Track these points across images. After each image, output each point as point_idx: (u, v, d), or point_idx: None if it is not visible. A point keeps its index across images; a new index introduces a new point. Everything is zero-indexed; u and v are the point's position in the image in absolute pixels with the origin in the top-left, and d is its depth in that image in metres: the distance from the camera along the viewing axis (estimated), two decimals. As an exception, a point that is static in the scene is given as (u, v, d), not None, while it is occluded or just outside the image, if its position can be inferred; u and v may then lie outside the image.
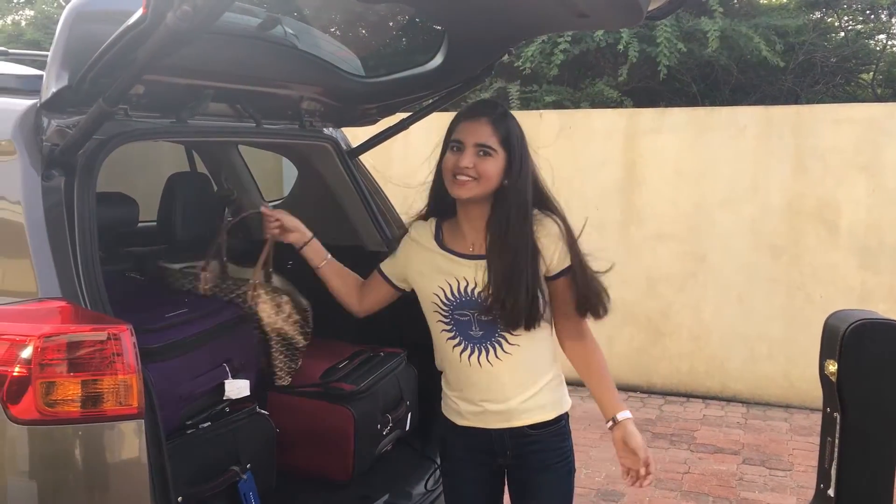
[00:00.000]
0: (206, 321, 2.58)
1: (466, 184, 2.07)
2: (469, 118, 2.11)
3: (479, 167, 2.06)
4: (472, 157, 2.06)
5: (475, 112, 2.12)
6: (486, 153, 2.07)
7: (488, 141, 2.07)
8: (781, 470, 4.66)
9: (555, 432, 2.21)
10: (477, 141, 2.07)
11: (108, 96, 1.89)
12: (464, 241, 2.19)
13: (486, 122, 2.09)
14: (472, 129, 2.09)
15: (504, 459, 2.22)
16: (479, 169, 2.06)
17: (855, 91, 7.81)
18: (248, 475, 2.50)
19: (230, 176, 3.76)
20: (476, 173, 2.06)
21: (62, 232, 1.96)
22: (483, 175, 2.07)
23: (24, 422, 1.80)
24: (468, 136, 2.09)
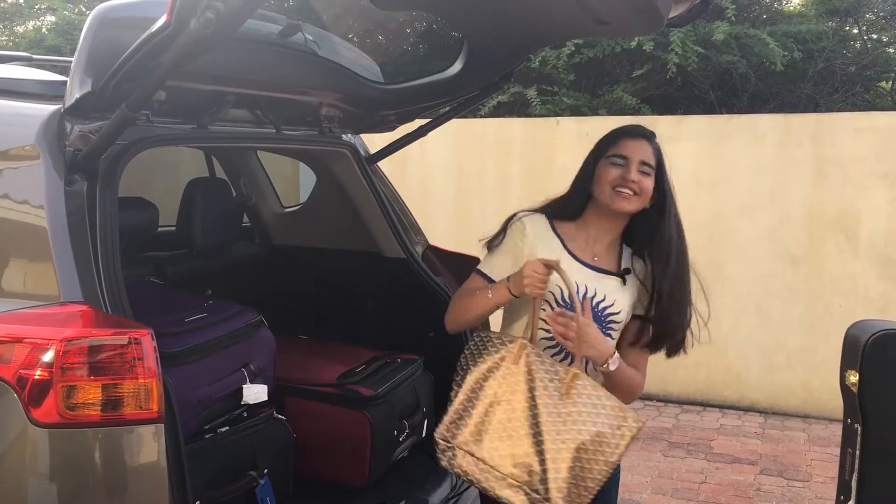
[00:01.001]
0: (225, 325, 2.59)
1: (630, 198, 2.15)
2: (633, 136, 2.21)
3: (641, 183, 2.15)
4: (636, 174, 2.15)
5: (637, 132, 2.22)
6: (647, 172, 2.17)
7: (650, 160, 2.18)
8: (799, 481, 4.62)
9: None
10: (642, 159, 2.17)
11: (131, 102, 1.91)
12: (586, 250, 2.23)
13: (647, 143, 2.20)
14: (637, 147, 2.18)
15: None
16: (642, 185, 2.15)
17: (874, 99, 7.76)
18: (266, 480, 2.51)
19: (249, 181, 3.78)
20: (639, 189, 2.15)
21: (84, 236, 1.97)
22: (644, 191, 2.16)
23: (45, 425, 1.80)
24: (633, 153, 2.17)
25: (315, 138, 3.01)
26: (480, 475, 2.05)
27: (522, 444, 2.02)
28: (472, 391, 2.10)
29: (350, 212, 3.30)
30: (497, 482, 2.03)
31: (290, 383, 2.89)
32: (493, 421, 2.05)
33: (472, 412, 2.07)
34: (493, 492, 2.05)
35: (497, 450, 2.04)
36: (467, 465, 2.06)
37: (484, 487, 2.06)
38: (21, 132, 2.06)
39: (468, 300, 2.21)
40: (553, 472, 2.00)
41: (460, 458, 2.06)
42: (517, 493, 2.02)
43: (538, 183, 6.33)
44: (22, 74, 2.38)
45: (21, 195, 2.03)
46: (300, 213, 3.70)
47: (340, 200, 3.30)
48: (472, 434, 2.05)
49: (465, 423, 2.08)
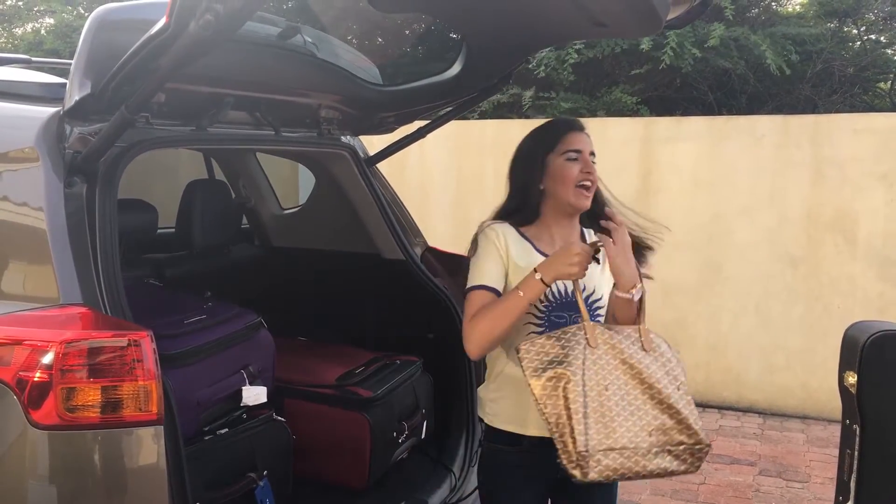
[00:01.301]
0: (224, 328, 2.59)
1: (589, 195, 2.14)
2: (577, 129, 2.19)
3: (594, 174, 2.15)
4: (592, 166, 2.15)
5: (578, 125, 2.21)
6: (595, 162, 2.17)
7: (593, 149, 2.18)
8: (798, 482, 4.62)
9: None
10: (591, 149, 2.17)
11: (131, 104, 1.91)
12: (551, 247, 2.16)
13: (585, 132, 2.20)
14: (583, 139, 2.17)
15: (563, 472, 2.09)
16: (596, 175, 2.16)
17: (872, 101, 7.77)
18: (265, 482, 2.51)
19: (248, 183, 3.79)
20: (594, 180, 2.15)
21: (83, 238, 1.97)
22: (594, 183, 2.16)
23: (45, 427, 1.81)
24: (584, 146, 2.15)
25: (314, 140, 3.01)
26: (629, 462, 1.97)
27: (647, 410, 1.99)
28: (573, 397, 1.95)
29: (349, 213, 3.30)
30: (645, 459, 1.98)
31: (290, 385, 2.89)
32: (612, 406, 1.97)
33: (589, 412, 1.95)
34: (646, 470, 1.98)
35: (629, 430, 1.97)
36: (613, 462, 1.96)
37: (636, 472, 1.99)
38: (20, 134, 2.07)
39: (495, 312, 2.01)
40: (687, 414, 2.01)
41: (604, 460, 1.95)
42: (664, 458, 1.99)
43: (537, 184, 6.32)
44: (21, 77, 2.39)
45: (20, 197, 2.04)
46: (299, 215, 3.71)
47: (339, 202, 3.31)
48: (601, 431, 1.95)
49: (589, 426, 1.95)
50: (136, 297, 2.11)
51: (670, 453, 2.00)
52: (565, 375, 1.92)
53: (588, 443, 1.90)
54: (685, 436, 2.01)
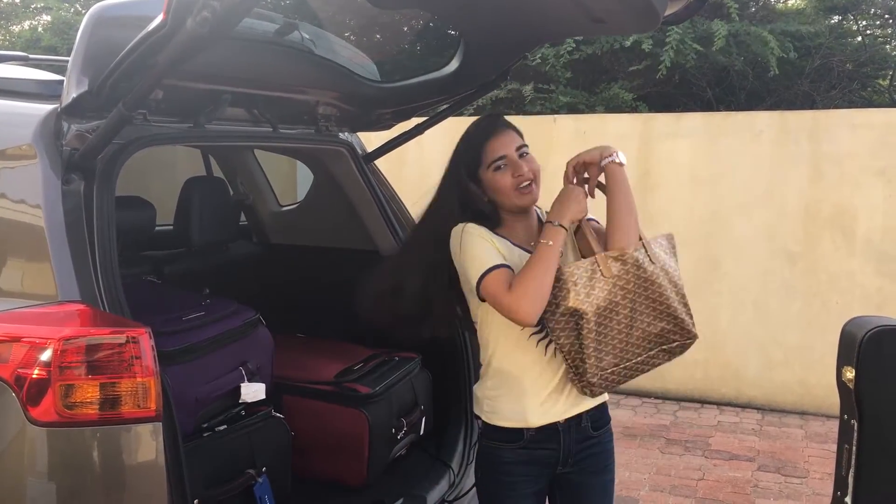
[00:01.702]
0: (222, 324, 2.59)
1: (531, 190, 2.13)
2: (496, 134, 2.15)
3: (531, 168, 2.13)
4: (523, 164, 2.12)
5: (496, 126, 2.17)
6: (526, 153, 2.15)
7: (522, 141, 2.16)
8: (797, 477, 4.63)
9: (609, 431, 2.25)
10: (516, 146, 2.14)
11: (128, 101, 1.91)
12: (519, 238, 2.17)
13: (508, 129, 2.17)
14: (506, 141, 2.15)
15: (565, 467, 2.18)
16: (533, 170, 2.14)
17: (871, 96, 7.77)
18: (264, 478, 2.51)
19: (246, 180, 3.78)
20: (532, 174, 2.13)
21: (81, 235, 1.97)
22: (536, 174, 2.15)
23: (44, 424, 1.81)
24: (507, 148, 2.13)
25: (312, 137, 3.01)
26: (630, 371, 2.11)
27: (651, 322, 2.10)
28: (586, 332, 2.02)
29: (347, 210, 3.30)
30: (643, 364, 2.13)
31: (288, 381, 2.89)
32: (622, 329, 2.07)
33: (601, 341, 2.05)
34: (641, 371, 2.13)
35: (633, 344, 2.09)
36: (618, 376, 2.09)
37: (633, 376, 2.14)
38: (18, 132, 2.06)
39: (535, 270, 2.00)
40: (684, 316, 2.14)
41: (611, 377, 2.08)
42: (659, 356, 2.14)
43: (535, 181, 6.32)
44: (18, 74, 2.38)
45: (18, 194, 2.04)
46: (297, 212, 3.70)
47: (338, 199, 3.30)
48: (610, 353, 2.06)
49: (601, 354, 2.05)
50: (134, 295, 2.11)
51: (664, 351, 2.16)
52: (579, 311, 1.99)
53: (601, 367, 2.04)
54: (679, 335, 2.15)
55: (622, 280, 2.05)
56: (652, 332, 2.11)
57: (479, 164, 2.15)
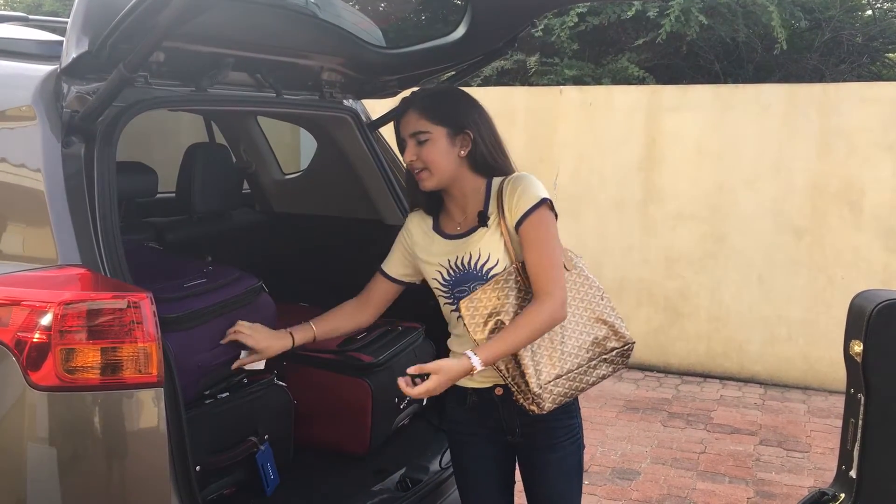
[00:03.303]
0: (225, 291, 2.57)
1: (421, 175, 2.13)
2: (400, 115, 2.15)
3: (422, 156, 2.10)
4: (413, 150, 2.11)
5: (402, 106, 2.17)
6: (422, 141, 2.11)
7: (419, 127, 2.10)
8: (799, 451, 4.64)
9: (563, 409, 2.18)
10: (409, 132, 2.12)
11: (129, 62, 1.87)
12: (452, 222, 2.23)
13: (412, 111, 2.13)
14: (405, 123, 2.14)
15: (513, 438, 2.22)
16: (424, 158, 2.11)
17: (881, 70, 7.68)
18: (266, 446, 2.51)
19: (249, 147, 3.74)
20: (423, 163, 2.10)
21: (82, 199, 1.94)
22: (429, 162, 2.10)
23: (44, 388, 1.79)
24: (403, 130, 2.14)
25: (316, 103, 2.97)
26: (574, 383, 2.12)
27: (582, 328, 2.14)
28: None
29: (351, 179, 3.26)
30: (586, 375, 2.14)
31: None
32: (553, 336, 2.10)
33: (536, 350, 2.08)
34: (588, 384, 2.15)
35: (571, 352, 2.11)
36: (563, 388, 2.10)
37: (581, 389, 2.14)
38: (17, 93, 2.03)
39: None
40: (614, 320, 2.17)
41: (555, 389, 2.09)
42: (602, 367, 2.17)
43: (540, 152, 6.28)
44: (18, 34, 2.34)
45: (18, 157, 2.01)
46: (301, 180, 3.67)
47: (342, 167, 3.27)
48: (548, 364, 2.09)
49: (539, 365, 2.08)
50: (135, 260, 2.09)
51: (605, 360, 2.18)
52: (505, 323, 2.06)
53: (540, 381, 2.05)
54: (615, 341, 2.18)
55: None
56: (586, 339, 2.14)
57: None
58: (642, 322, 6.07)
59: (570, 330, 2.12)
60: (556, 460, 2.20)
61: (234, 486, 2.47)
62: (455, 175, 2.14)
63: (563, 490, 2.23)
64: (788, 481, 4.22)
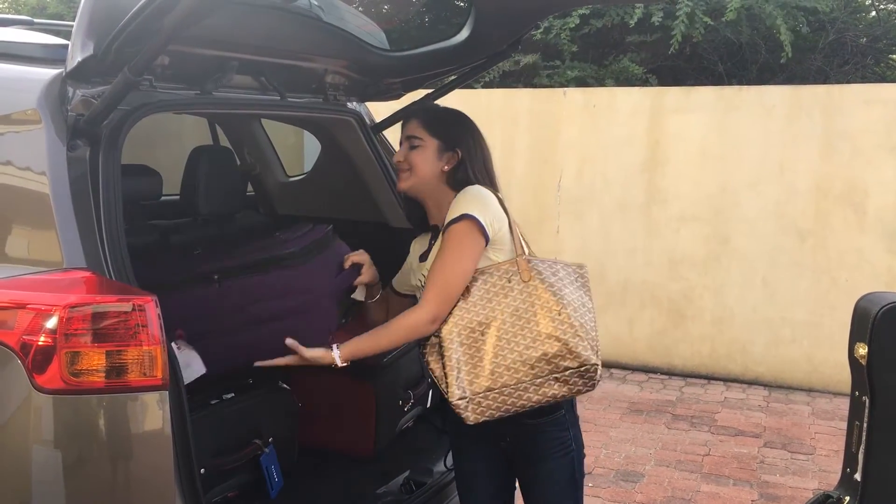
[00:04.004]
0: (311, 234, 2.75)
1: (402, 175, 2.22)
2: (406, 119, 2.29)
3: (409, 158, 2.21)
4: (404, 151, 2.22)
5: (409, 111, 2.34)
6: (414, 146, 2.20)
7: (415, 132, 2.22)
8: (803, 454, 4.63)
9: (554, 422, 2.16)
10: (407, 135, 2.24)
11: (134, 66, 1.88)
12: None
13: (414, 118, 2.26)
14: (406, 126, 2.27)
15: (505, 444, 2.22)
16: (410, 160, 2.21)
17: (885, 72, 7.67)
18: (270, 448, 2.51)
19: (253, 150, 3.75)
20: (408, 164, 2.20)
21: (87, 202, 1.95)
22: (413, 165, 2.20)
23: (50, 391, 1.80)
24: (403, 132, 2.26)
25: (320, 106, 2.97)
26: (511, 398, 2.05)
27: (527, 343, 2.05)
28: (449, 353, 2.07)
29: (355, 181, 3.26)
30: (528, 392, 2.05)
31: (295, 352, 2.88)
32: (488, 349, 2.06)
33: (463, 361, 2.06)
34: (532, 402, 2.06)
35: (509, 368, 2.05)
36: (494, 402, 2.05)
37: (522, 405, 2.06)
38: (22, 97, 2.04)
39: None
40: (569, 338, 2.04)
41: (484, 402, 2.05)
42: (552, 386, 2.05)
43: (544, 154, 6.28)
44: (23, 38, 2.35)
45: (23, 160, 2.01)
46: (305, 183, 3.67)
47: (345, 169, 3.27)
48: (479, 375, 2.05)
49: (462, 375, 2.06)
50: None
51: (557, 380, 2.05)
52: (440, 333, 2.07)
53: (466, 392, 2.02)
54: (570, 360, 2.05)
55: (484, 300, 2.08)
56: (532, 355, 2.05)
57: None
58: (646, 324, 6.07)
59: (511, 343, 2.05)
60: (545, 472, 2.18)
61: (239, 489, 2.48)
62: (432, 184, 2.23)
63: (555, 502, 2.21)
64: (793, 484, 4.21)
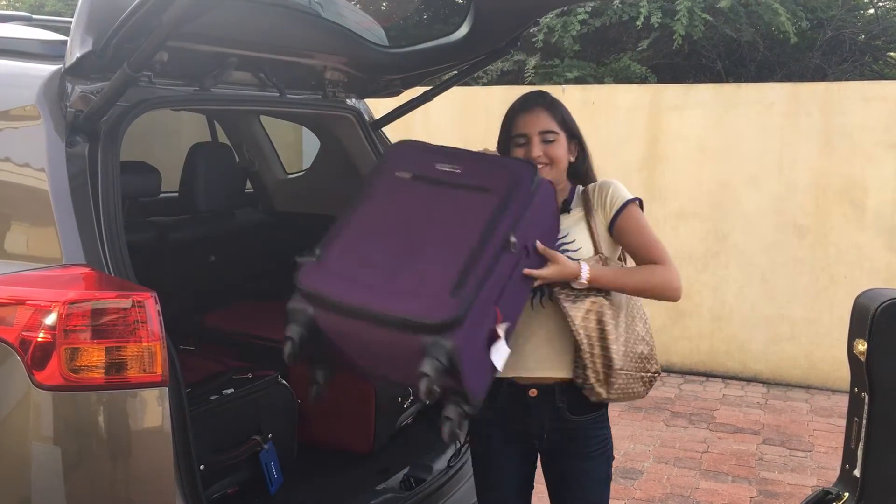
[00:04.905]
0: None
1: (543, 170, 2.17)
2: (525, 111, 2.22)
3: (548, 153, 2.19)
4: (540, 147, 2.18)
5: (529, 104, 2.23)
6: (550, 140, 2.19)
7: (550, 126, 2.20)
8: (802, 451, 4.63)
9: (596, 419, 2.19)
10: (540, 130, 2.19)
11: (132, 62, 1.88)
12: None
13: (542, 110, 2.21)
14: (532, 120, 2.20)
15: (540, 442, 2.20)
16: (550, 155, 2.19)
17: (883, 69, 7.68)
18: (270, 445, 2.51)
19: (252, 147, 3.75)
20: (548, 159, 2.19)
21: (86, 198, 1.95)
22: (555, 159, 2.19)
23: (49, 387, 1.80)
24: (531, 128, 2.19)
25: (319, 102, 2.97)
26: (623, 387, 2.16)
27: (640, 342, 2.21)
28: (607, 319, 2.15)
29: (354, 178, 3.26)
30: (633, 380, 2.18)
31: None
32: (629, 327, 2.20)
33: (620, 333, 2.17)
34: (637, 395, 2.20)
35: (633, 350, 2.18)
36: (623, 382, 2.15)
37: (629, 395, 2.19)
38: (21, 93, 2.04)
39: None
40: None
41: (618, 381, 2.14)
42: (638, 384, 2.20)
43: (543, 152, 6.27)
44: (22, 34, 2.35)
45: (22, 156, 2.01)
46: (304, 180, 3.68)
47: (344, 166, 3.27)
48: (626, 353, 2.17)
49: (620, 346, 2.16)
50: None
51: (642, 380, 2.19)
52: (598, 301, 2.13)
53: (621, 360, 2.11)
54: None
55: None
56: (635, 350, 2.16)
57: (508, 134, 2.25)
58: (645, 321, 6.07)
59: (625, 334, 2.16)
60: (587, 469, 2.19)
61: (238, 485, 2.48)
62: (562, 176, 2.24)
63: (594, 500, 2.22)
64: (791, 480, 4.22)
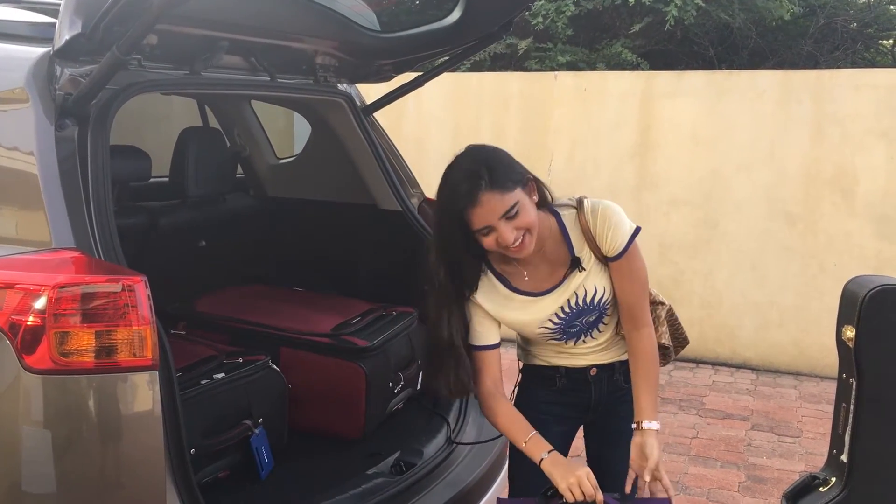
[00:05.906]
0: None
1: (522, 246, 2.00)
2: (474, 205, 1.95)
3: (519, 226, 1.98)
4: (509, 229, 1.97)
5: (473, 196, 1.95)
6: (512, 216, 1.97)
7: (506, 204, 1.96)
8: (790, 436, 4.67)
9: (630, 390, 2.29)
10: (500, 213, 1.96)
11: (122, 45, 1.86)
12: (535, 279, 2.16)
13: (490, 194, 1.95)
14: (487, 210, 1.95)
15: (593, 415, 2.31)
16: (522, 226, 1.98)
17: (875, 57, 7.70)
18: (260, 429, 2.51)
19: (242, 132, 3.73)
20: (522, 230, 1.99)
21: (75, 182, 1.94)
22: (529, 225, 1.99)
23: (39, 371, 1.79)
24: (491, 218, 1.96)
25: (310, 87, 2.96)
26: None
27: None
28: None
29: (345, 163, 3.25)
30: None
31: (285, 334, 2.88)
32: None
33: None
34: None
35: None
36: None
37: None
38: (10, 75, 2.02)
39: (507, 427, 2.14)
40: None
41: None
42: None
43: (534, 138, 6.27)
44: (10, 16, 2.32)
45: (10, 139, 1.99)
46: (295, 165, 3.66)
47: (336, 152, 3.26)
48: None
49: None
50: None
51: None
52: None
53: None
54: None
55: None
56: None
57: (464, 231, 2.02)
58: (635, 308, 6.08)
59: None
60: (627, 430, 2.23)
61: (229, 470, 2.48)
62: (540, 228, 2.07)
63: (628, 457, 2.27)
64: (780, 466, 4.25)
